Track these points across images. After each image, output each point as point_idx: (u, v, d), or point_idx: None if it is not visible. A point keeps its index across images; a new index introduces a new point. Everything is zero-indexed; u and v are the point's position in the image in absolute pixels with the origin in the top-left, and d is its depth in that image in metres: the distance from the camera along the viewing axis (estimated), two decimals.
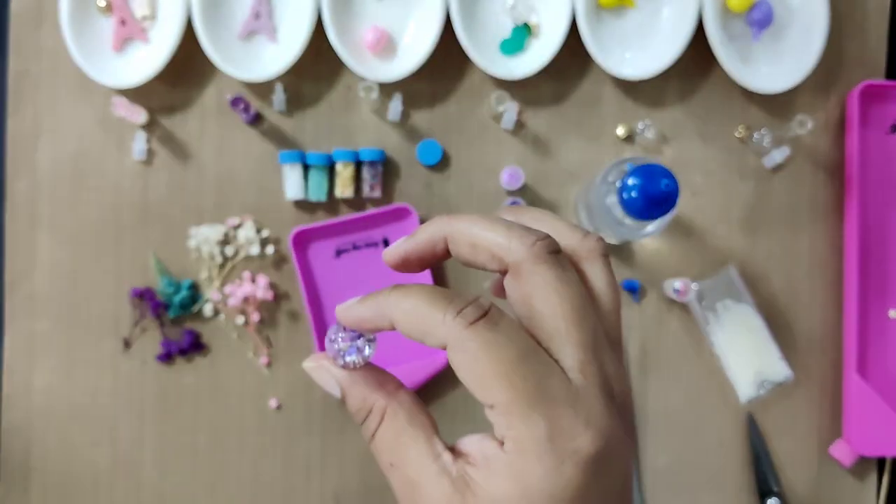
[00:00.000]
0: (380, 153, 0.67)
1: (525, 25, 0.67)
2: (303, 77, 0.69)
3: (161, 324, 0.69)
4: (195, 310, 0.68)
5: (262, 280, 0.68)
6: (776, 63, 0.67)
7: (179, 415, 0.69)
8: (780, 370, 0.67)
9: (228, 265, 0.69)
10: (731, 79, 0.66)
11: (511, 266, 0.29)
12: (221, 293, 0.68)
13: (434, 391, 0.68)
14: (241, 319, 0.68)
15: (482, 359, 0.27)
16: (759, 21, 0.66)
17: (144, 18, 0.68)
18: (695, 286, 0.66)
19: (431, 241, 0.32)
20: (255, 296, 0.67)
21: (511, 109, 0.67)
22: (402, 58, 0.68)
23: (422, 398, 0.73)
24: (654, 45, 0.67)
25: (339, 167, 0.67)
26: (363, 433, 0.31)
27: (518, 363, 0.27)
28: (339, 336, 0.32)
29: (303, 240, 0.67)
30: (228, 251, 0.68)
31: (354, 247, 0.68)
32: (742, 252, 0.69)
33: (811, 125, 0.65)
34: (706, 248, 0.69)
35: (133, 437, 0.69)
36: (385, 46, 0.67)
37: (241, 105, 0.66)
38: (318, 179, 0.67)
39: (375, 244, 0.68)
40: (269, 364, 0.69)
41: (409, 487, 0.29)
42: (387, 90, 0.68)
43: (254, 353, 0.69)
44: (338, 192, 0.67)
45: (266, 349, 0.69)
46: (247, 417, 0.69)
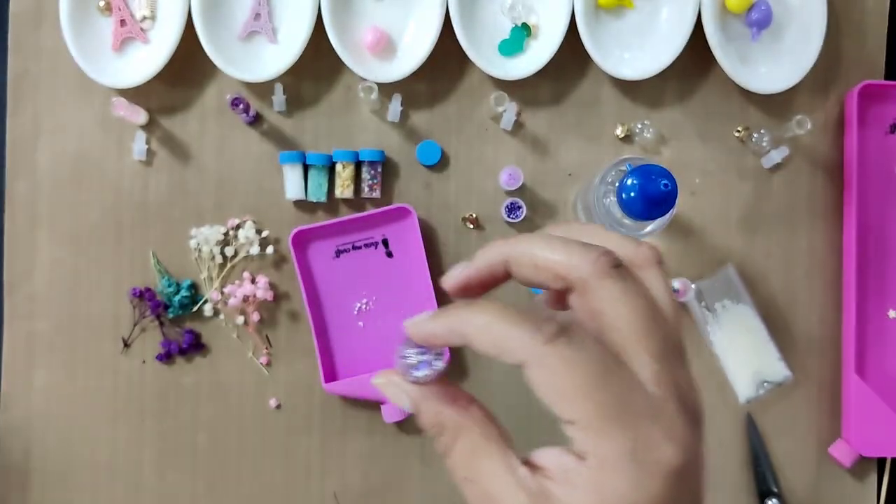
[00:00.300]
0: (379, 153, 0.67)
1: (524, 26, 0.67)
2: (302, 77, 0.69)
3: (161, 324, 0.69)
4: (195, 310, 0.68)
5: (262, 280, 0.68)
6: (775, 63, 0.67)
7: (179, 415, 0.69)
8: (779, 370, 0.67)
9: (228, 265, 0.69)
10: (730, 79, 0.66)
11: (576, 283, 0.29)
12: (221, 293, 0.68)
13: None
14: (241, 319, 0.68)
15: (563, 375, 0.27)
16: (758, 21, 0.66)
17: (144, 19, 0.68)
18: (694, 286, 0.66)
19: (491, 267, 0.32)
20: (255, 296, 0.67)
21: (510, 110, 0.67)
22: (402, 58, 0.68)
23: None
24: (653, 46, 0.67)
25: (339, 167, 0.67)
26: (437, 448, 0.31)
27: (599, 378, 0.27)
28: (409, 352, 0.32)
29: (303, 240, 0.67)
30: (228, 251, 0.69)
31: (354, 247, 0.68)
32: (741, 252, 0.69)
33: (810, 125, 0.65)
34: (705, 248, 0.69)
35: (133, 437, 0.69)
36: (384, 47, 0.68)
37: (241, 105, 0.66)
38: (318, 180, 0.67)
39: (375, 244, 0.68)
40: (269, 364, 0.69)
41: (486, 502, 0.29)
42: (386, 90, 0.68)
43: (254, 353, 0.69)
44: (337, 193, 0.68)
45: (266, 349, 0.69)
46: (247, 417, 0.69)
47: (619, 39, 0.68)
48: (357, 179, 0.68)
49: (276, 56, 0.67)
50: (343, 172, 0.67)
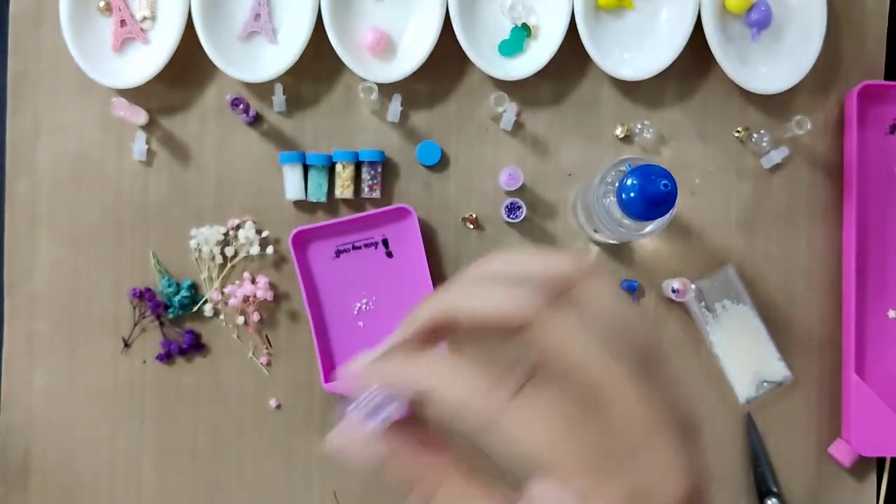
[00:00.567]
0: (379, 154, 0.67)
1: (524, 26, 0.67)
2: (302, 78, 0.69)
3: (161, 324, 0.69)
4: (195, 310, 0.68)
5: (262, 280, 0.68)
6: (775, 63, 0.68)
7: (179, 415, 0.69)
8: (779, 370, 0.67)
9: (228, 265, 0.69)
10: (730, 79, 0.66)
11: (524, 325, 0.26)
12: (221, 293, 0.68)
13: None
14: (241, 319, 0.68)
15: (538, 426, 0.25)
16: (758, 22, 0.66)
17: (144, 19, 0.68)
18: (694, 286, 0.66)
19: (424, 333, 0.29)
20: (255, 296, 0.67)
21: (510, 110, 0.67)
22: (402, 58, 0.68)
23: None
24: (653, 46, 0.68)
25: (339, 168, 0.67)
26: (412, 500, 0.28)
27: (579, 423, 0.25)
28: (362, 398, 0.28)
29: (302, 240, 0.67)
30: (228, 251, 0.69)
31: (354, 247, 0.68)
32: (741, 252, 0.69)
33: (809, 125, 0.65)
34: (705, 249, 0.69)
35: (133, 437, 0.69)
36: (384, 47, 0.68)
37: (241, 106, 0.66)
38: (318, 180, 0.67)
39: (375, 244, 0.68)
40: (269, 364, 0.69)
41: None
42: (386, 91, 0.68)
43: (254, 354, 0.69)
44: (337, 193, 0.68)
45: (266, 349, 0.69)
46: (247, 417, 0.69)
47: (619, 40, 0.68)
48: (357, 180, 0.68)
49: (276, 56, 0.67)
50: (343, 173, 0.67)
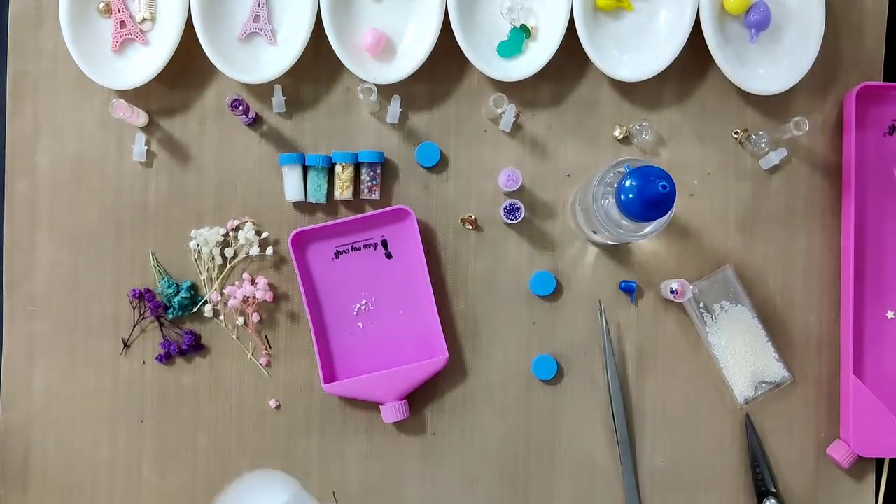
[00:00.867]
0: (379, 155, 0.68)
1: (523, 28, 0.68)
2: (302, 79, 0.69)
3: (161, 324, 0.69)
4: (195, 311, 0.69)
5: (262, 281, 0.68)
6: (773, 65, 0.68)
7: (179, 415, 0.69)
8: (777, 371, 0.68)
9: (228, 266, 0.69)
10: (729, 80, 0.66)
11: None
12: (221, 294, 0.69)
13: (432, 391, 0.68)
14: (241, 320, 0.69)
15: None
16: (757, 23, 0.66)
17: (144, 20, 0.68)
18: (692, 287, 0.66)
19: None
20: (255, 297, 0.68)
21: (509, 111, 0.67)
22: (401, 60, 0.68)
23: (420, 398, 0.73)
24: (652, 48, 0.68)
25: (339, 169, 0.67)
26: None
27: None
28: None
29: (302, 241, 0.67)
30: (228, 252, 0.69)
31: (353, 248, 0.68)
32: (739, 253, 0.69)
33: (808, 126, 0.65)
34: (703, 250, 0.69)
35: (133, 437, 0.69)
36: (384, 49, 0.68)
37: (241, 107, 0.66)
38: (318, 181, 0.68)
39: (374, 245, 0.68)
40: (269, 364, 0.69)
41: None
42: (385, 92, 0.68)
43: (253, 354, 0.69)
44: (337, 194, 0.68)
45: (265, 350, 0.69)
46: (247, 417, 0.69)
47: (618, 41, 0.68)
48: (356, 181, 0.68)
49: (276, 58, 0.67)
50: (342, 174, 0.67)
